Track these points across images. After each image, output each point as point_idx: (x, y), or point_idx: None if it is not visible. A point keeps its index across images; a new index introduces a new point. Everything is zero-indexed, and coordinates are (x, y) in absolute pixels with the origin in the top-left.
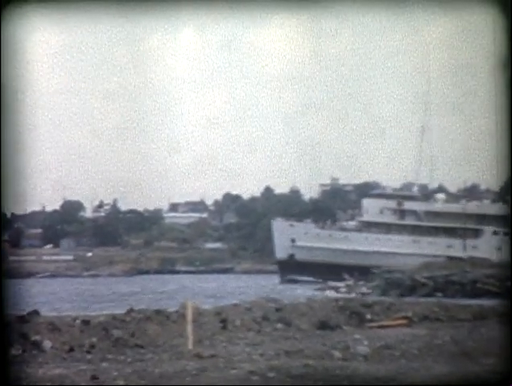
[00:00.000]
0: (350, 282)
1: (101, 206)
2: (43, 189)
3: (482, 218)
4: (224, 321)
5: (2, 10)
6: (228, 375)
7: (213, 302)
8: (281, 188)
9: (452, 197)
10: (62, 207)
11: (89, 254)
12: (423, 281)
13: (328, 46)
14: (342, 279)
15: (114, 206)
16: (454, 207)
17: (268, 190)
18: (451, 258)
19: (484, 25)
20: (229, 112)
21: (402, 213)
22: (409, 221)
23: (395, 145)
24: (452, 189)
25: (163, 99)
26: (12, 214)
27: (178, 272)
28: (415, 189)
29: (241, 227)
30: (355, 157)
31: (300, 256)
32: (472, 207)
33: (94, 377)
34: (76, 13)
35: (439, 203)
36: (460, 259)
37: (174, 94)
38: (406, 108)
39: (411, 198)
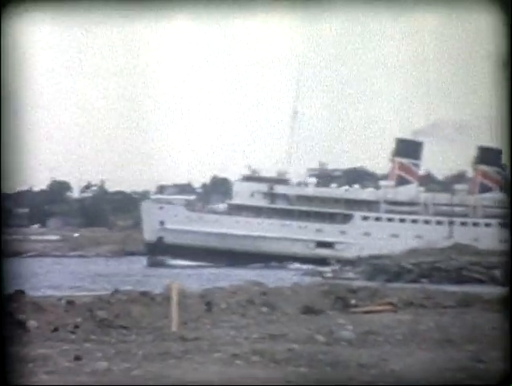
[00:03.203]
0: (336, 267)
1: (88, 187)
2: (30, 168)
3: (353, 203)
4: (209, 303)
5: (2, 10)
6: (211, 358)
7: None
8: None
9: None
10: (49, 187)
11: (76, 234)
12: (408, 267)
13: (327, 45)
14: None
15: (102, 187)
16: (324, 192)
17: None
18: (319, 243)
19: (484, 24)
20: (224, 103)
21: (273, 197)
22: (279, 205)
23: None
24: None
25: (153, 80)
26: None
27: None
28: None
29: None
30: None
31: (169, 239)
32: (342, 191)
33: (77, 357)
34: (75, 13)
35: (310, 188)
36: (329, 244)
37: (167, 82)
38: (406, 108)
39: (282, 182)
